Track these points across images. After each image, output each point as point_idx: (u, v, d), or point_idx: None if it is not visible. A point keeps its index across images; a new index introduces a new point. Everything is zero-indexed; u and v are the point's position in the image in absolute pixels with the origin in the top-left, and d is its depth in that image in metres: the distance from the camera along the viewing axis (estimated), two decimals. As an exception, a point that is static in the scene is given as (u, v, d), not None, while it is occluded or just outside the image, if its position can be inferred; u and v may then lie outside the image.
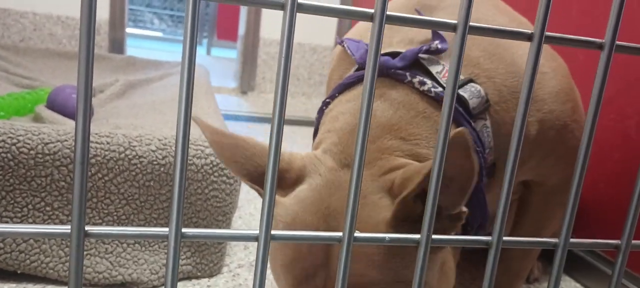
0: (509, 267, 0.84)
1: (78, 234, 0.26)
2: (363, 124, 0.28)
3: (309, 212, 0.54)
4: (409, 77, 0.61)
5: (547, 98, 0.69)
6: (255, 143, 0.58)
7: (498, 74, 0.66)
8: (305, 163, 0.57)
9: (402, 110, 0.60)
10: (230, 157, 0.56)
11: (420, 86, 0.61)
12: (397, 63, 0.62)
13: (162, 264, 0.88)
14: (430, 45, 0.63)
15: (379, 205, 0.52)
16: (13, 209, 0.81)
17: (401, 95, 0.61)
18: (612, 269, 0.38)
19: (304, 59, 2.83)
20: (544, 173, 0.75)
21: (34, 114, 1.16)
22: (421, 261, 0.31)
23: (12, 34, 2.40)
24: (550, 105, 0.69)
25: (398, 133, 0.58)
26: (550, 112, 0.69)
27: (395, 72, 0.62)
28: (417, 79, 0.61)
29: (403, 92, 0.61)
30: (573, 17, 1.20)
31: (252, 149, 0.57)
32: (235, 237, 0.29)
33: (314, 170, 0.57)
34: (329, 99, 0.67)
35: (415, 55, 0.62)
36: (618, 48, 0.33)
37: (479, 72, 0.65)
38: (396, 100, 0.61)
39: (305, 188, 0.55)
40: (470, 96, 0.62)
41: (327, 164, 0.57)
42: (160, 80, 1.77)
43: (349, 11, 0.27)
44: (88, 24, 0.24)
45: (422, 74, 0.62)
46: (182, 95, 0.25)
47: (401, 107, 0.60)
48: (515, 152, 0.32)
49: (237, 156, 0.56)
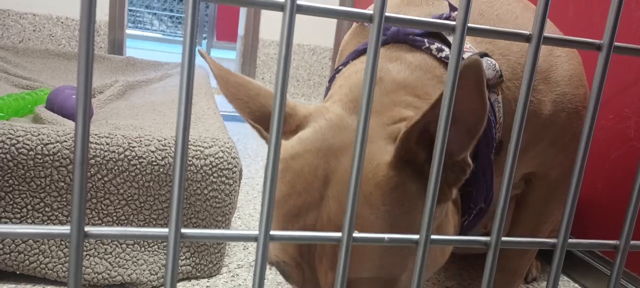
0: (507, 266, 0.84)
1: (78, 235, 0.26)
2: (363, 121, 0.28)
3: (309, 149, 0.52)
4: (427, 43, 0.61)
5: (561, 80, 0.69)
6: (260, 85, 0.57)
7: (512, 52, 0.66)
8: (310, 112, 0.57)
9: (418, 72, 0.59)
10: (235, 94, 0.55)
11: (438, 53, 0.61)
12: (415, 30, 0.62)
13: (162, 265, 0.88)
14: (450, 14, 0.63)
15: (383, 149, 0.51)
16: (12, 210, 0.81)
17: (418, 59, 0.61)
18: (611, 269, 0.38)
19: (303, 60, 2.83)
20: (547, 163, 0.75)
21: (34, 115, 1.16)
22: (420, 260, 0.31)
23: (12, 34, 2.40)
24: (563, 88, 0.69)
25: (413, 91, 0.58)
26: (563, 94, 0.69)
27: (413, 38, 0.62)
28: (435, 45, 0.61)
29: (420, 57, 0.61)
30: (569, 18, 1.20)
31: (256, 89, 0.56)
32: (234, 237, 0.29)
33: (320, 116, 0.55)
34: (342, 65, 0.67)
35: None
36: (616, 49, 0.33)
37: (494, 49, 0.65)
38: (413, 63, 0.60)
39: (309, 130, 0.54)
40: (486, 67, 0.62)
41: (335, 111, 0.56)
42: (160, 81, 1.78)
43: (348, 12, 0.28)
44: (87, 24, 0.24)
45: (440, 42, 0.62)
46: (182, 96, 0.26)
47: (418, 69, 0.60)
48: (518, 135, 0.32)
49: (241, 94, 0.56)
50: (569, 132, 0.72)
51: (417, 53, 0.61)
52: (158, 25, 6.20)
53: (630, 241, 0.38)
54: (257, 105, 0.56)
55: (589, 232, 1.11)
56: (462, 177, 0.50)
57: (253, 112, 0.56)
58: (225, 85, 0.56)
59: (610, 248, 0.38)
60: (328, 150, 0.52)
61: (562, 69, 0.70)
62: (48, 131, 0.82)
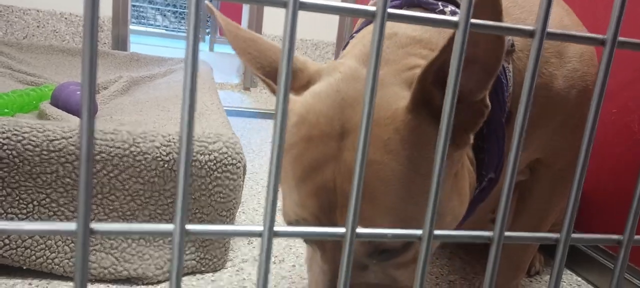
0: (509, 259, 0.84)
1: (84, 231, 0.26)
2: (366, 117, 0.28)
3: (323, 102, 0.51)
4: (441, 6, 0.60)
5: (573, 57, 0.69)
6: (270, 41, 0.57)
7: (526, 23, 0.65)
8: (322, 67, 0.56)
9: (432, 30, 0.58)
10: (245, 48, 0.55)
11: (453, 15, 0.60)
12: None
13: (167, 259, 0.88)
14: None
15: (400, 95, 0.50)
16: (18, 206, 0.82)
17: None
18: (614, 264, 0.38)
19: (306, 55, 2.83)
20: (554, 147, 0.74)
21: (38, 111, 1.17)
22: (424, 254, 0.32)
23: (16, 30, 2.41)
24: (575, 64, 0.69)
25: (428, 45, 0.57)
26: (575, 70, 0.69)
27: (428, 1, 0.61)
28: (449, 8, 0.60)
29: None
30: (574, 13, 1.20)
31: (265, 44, 0.56)
32: (238, 233, 0.29)
33: (334, 69, 0.55)
34: (356, 32, 0.66)
35: None
36: (620, 44, 0.33)
37: (508, 20, 0.64)
38: None
39: (322, 84, 0.53)
40: None
41: (349, 63, 0.55)
42: (164, 77, 1.78)
43: (351, 9, 0.28)
44: (91, 20, 0.24)
45: (454, 6, 0.61)
46: (186, 91, 0.26)
47: (432, 29, 0.58)
48: (524, 114, 0.32)
49: (251, 48, 0.55)
50: (578, 113, 0.71)
51: (431, 14, 0.61)
52: (161, 20, 6.21)
53: (634, 235, 0.38)
54: (268, 60, 0.55)
55: (592, 225, 1.11)
56: (480, 120, 0.49)
57: (263, 67, 0.55)
58: (234, 39, 0.55)
59: (613, 243, 0.38)
60: (343, 100, 0.51)
61: (574, 46, 0.69)
62: (53, 127, 0.82)
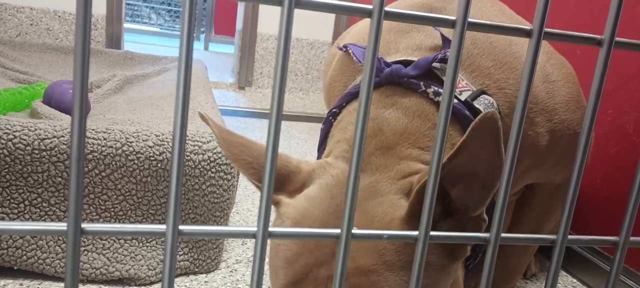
0: (506, 262, 0.84)
1: (74, 231, 0.25)
2: (361, 120, 0.28)
3: (318, 208, 0.52)
4: (423, 86, 0.59)
5: (559, 107, 0.68)
6: (262, 144, 0.57)
7: (509, 85, 0.64)
8: (314, 168, 0.56)
9: (417, 120, 0.58)
10: (238, 155, 0.55)
11: (436, 97, 0.59)
12: (410, 71, 0.60)
13: (160, 260, 0.88)
14: (445, 53, 0.61)
15: (397, 204, 0.51)
16: (9, 205, 0.81)
17: (415, 104, 0.59)
18: (610, 265, 0.38)
19: (301, 54, 2.82)
20: (551, 176, 0.75)
21: (31, 110, 1.16)
22: (419, 257, 0.31)
23: (9, 28, 2.39)
24: (561, 115, 0.68)
25: (416, 143, 0.57)
26: (561, 121, 0.68)
27: (409, 80, 0.60)
28: (432, 89, 0.59)
29: (417, 101, 0.59)
30: (570, 12, 1.20)
31: (259, 149, 0.56)
32: (232, 233, 0.29)
33: (325, 172, 0.55)
34: (336, 108, 0.66)
35: (429, 64, 0.60)
36: (617, 44, 0.33)
37: (490, 83, 0.64)
38: (410, 109, 0.59)
39: (315, 188, 0.54)
40: (484, 108, 0.61)
41: (340, 167, 0.56)
42: (158, 76, 1.77)
43: (347, 7, 0.27)
44: (84, 18, 0.24)
45: (436, 84, 0.60)
46: (179, 90, 0.25)
47: (416, 116, 0.58)
48: (514, 149, 0.32)
49: (244, 154, 0.55)
50: (571, 152, 0.72)
51: (413, 97, 0.60)
52: (156, 19, 6.18)
53: (630, 237, 0.38)
54: (261, 164, 0.55)
55: (588, 227, 1.12)
56: (479, 232, 0.50)
57: (258, 172, 0.55)
58: (227, 147, 0.55)
59: (609, 245, 0.37)
60: (338, 207, 0.51)
61: (560, 94, 0.68)
62: (45, 126, 0.81)
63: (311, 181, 0.55)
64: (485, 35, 0.66)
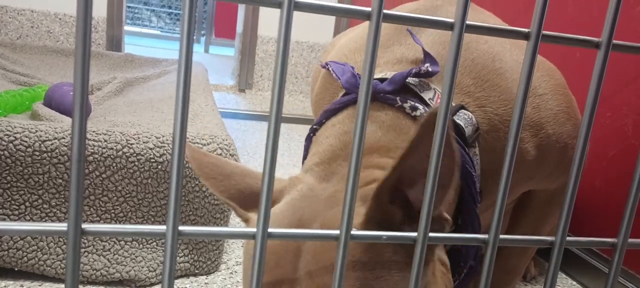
0: (505, 265, 0.84)
1: (75, 232, 0.26)
2: (359, 126, 0.28)
3: (280, 223, 0.52)
4: (399, 101, 0.59)
5: (545, 122, 0.67)
6: (236, 164, 0.57)
7: (490, 102, 0.64)
8: (285, 185, 0.56)
9: (392, 133, 0.58)
10: (209, 174, 0.55)
11: (412, 111, 0.59)
12: (385, 87, 0.60)
13: (160, 262, 0.88)
14: (421, 68, 0.60)
15: (356, 212, 0.49)
16: (10, 207, 0.81)
17: (391, 118, 0.59)
18: (609, 267, 0.38)
19: (301, 57, 2.83)
20: (546, 185, 0.75)
21: (32, 111, 1.16)
22: (418, 258, 0.31)
23: (10, 31, 2.39)
24: (548, 129, 0.68)
25: (386, 153, 0.56)
26: (548, 136, 0.68)
27: (385, 96, 0.60)
28: (408, 103, 0.59)
29: (393, 115, 0.59)
30: (568, 14, 1.20)
31: (229, 167, 0.56)
32: (232, 234, 0.29)
33: (293, 187, 0.55)
34: (317, 125, 0.66)
35: (403, 79, 0.59)
36: (615, 47, 0.33)
37: (470, 101, 0.63)
38: (385, 123, 0.58)
39: (281, 204, 0.54)
40: (465, 124, 0.60)
41: (307, 181, 0.56)
42: (158, 78, 1.77)
43: (346, 10, 0.27)
44: (84, 20, 0.24)
45: (413, 99, 0.59)
46: (179, 93, 0.25)
47: (391, 130, 0.58)
48: (511, 157, 0.32)
49: (215, 173, 0.56)
50: (564, 163, 0.71)
51: (389, 111, 0.59)
52: (156, 21, 6.19)
53: (628, 239, 0.38)
54: (231, 183, 0.56)
55: (586, 229, 1.12)
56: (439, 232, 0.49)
57: (228, 190, 0.55)
58: (199, 166, 0.56)
59: (608, 247, 0.38)
60: (299, 221, 0.51)
61: (547, 108, 0.68)
62: (46, 128, 0.82)
63: (281, 197, 0.55)
64: (466, 52, 0.66)
